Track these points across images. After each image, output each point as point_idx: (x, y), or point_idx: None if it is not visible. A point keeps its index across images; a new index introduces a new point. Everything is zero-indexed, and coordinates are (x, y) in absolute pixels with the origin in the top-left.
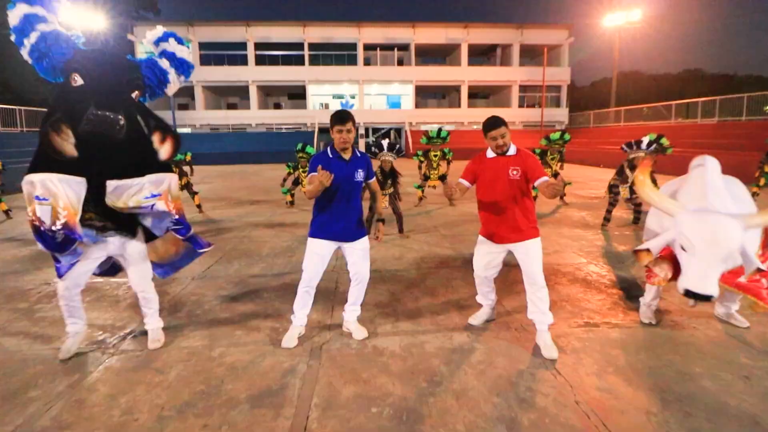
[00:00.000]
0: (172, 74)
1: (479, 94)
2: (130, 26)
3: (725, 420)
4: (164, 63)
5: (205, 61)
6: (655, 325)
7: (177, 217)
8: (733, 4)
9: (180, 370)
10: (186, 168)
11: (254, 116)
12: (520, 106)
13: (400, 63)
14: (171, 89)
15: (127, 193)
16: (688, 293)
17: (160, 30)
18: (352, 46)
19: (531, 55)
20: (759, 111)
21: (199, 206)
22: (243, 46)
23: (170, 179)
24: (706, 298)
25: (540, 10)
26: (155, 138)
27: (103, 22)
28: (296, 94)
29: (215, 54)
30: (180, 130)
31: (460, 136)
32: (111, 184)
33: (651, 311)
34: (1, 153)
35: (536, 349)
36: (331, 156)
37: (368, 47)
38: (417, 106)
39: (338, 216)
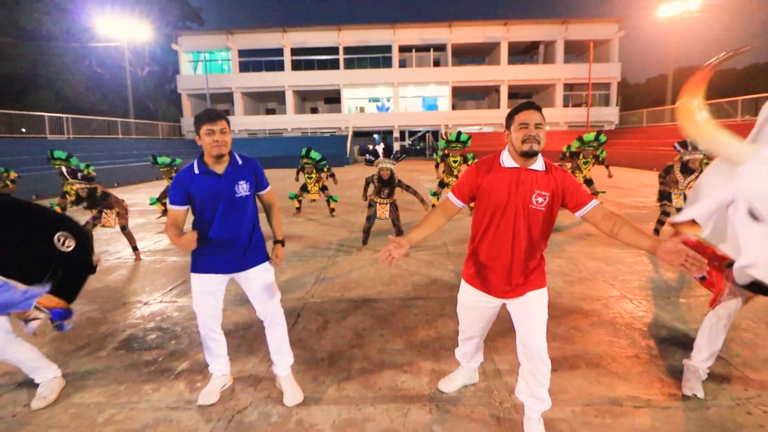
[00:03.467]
0: None
1: (521, 94)
2: (175, 36)
3: None
4: None
5: (244, 68)
6: (704, 403)
7: None
8: None
9: None
10: None
11: (290, 121)
12: (565, 105)
13: (437, 64)
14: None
15: None
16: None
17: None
18: (387, 49)
19: (577, 51)
20: None
21: None
22: (280, 52)
23: None
24: None
25: (587, 3)
26: None
27: (149, 33)
28: (332, 98)
29: (253, 61)
30: None
31: (498, 138)
32: None
33: (699, 379)
34: (43, 159)
35: None
36: (197, 171)
37: (403, 49)
38: (455, 107)
39: (221, 243)
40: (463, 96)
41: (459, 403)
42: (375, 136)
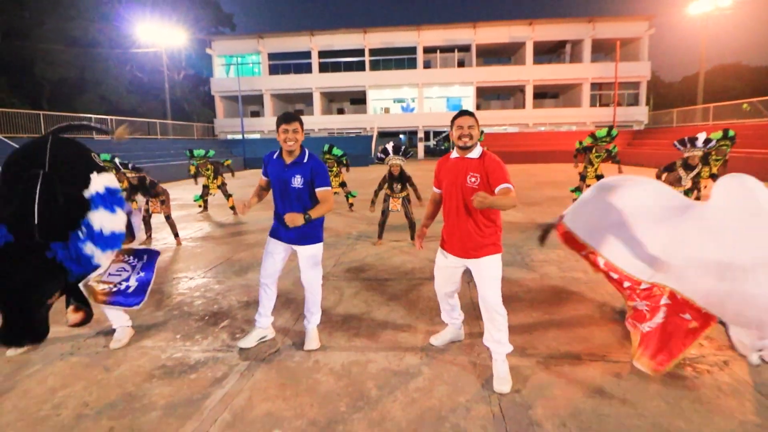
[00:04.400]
0: (97, 255)
1: (548, 94)
2: (209, 41)
3: None
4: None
5: (273, 70)
6: None
7: None
8: None
9: (124, 369)
10: (224, 171)
11: (317, 121)
12: (592, 105)
13: (461, 64)
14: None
15: None
16: None
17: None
18: (412, 50)
19: (606, 49)
20: None
21: (232, 208)
22: (307, 54)
23: None
24: None
25: (615, 1)
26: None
27: (184, 39)
28: (358, 99)
29: (282, 63)
30: (249, 137)
31: (524, 139)
32: None
33: None
34: None
35: (489, 380)
36: (275, 157)
37: (428, 50)
38: (480, 107)
39: (281, 217)
40: (488, 96)
41: (445, 353)
42: (401, 136)
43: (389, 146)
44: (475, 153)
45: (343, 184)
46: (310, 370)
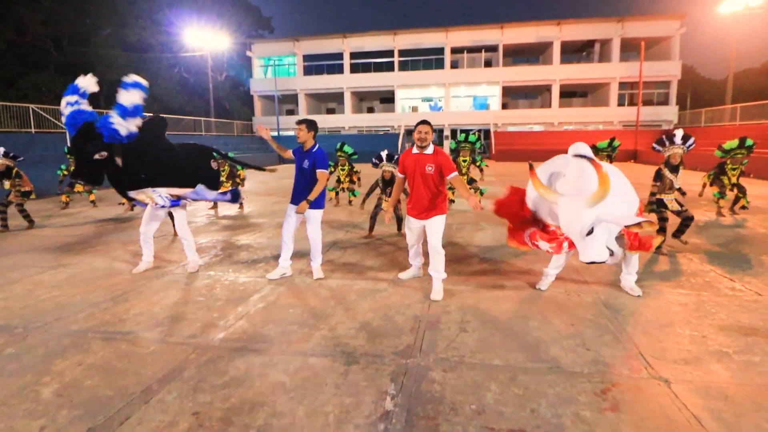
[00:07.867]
0: (117, 123)
1: (577, 93)
2: (249, 44)
3: (511, 340)
4: (113, 117)
5: (307, 71)
6: (543, 290)
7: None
8: None
9: (199, 284)
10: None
11: (348, 120)
12: (620, 104)
13: (488, 64)
14: (124, 131)
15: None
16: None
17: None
18: (440, 51)
19: (637, 49)
20: None
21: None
22: (340, 56)
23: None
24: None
25: (644, 1)
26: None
27: (227, 43)
28: (387, 99)
29: (316, 65)
30: (285, 134)
31: (550, 138)
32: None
33: (547, 280)
34: None
35: (429, 295)
36: (296, 148)
37: (455, 50)
38: (506, 106)
39: (296, 190)
40: (515, 95)
41: (406, 282)
42: None
43: (383, 154)
44: (429, 150)
45: (352, 182)
46: (314, 288)
